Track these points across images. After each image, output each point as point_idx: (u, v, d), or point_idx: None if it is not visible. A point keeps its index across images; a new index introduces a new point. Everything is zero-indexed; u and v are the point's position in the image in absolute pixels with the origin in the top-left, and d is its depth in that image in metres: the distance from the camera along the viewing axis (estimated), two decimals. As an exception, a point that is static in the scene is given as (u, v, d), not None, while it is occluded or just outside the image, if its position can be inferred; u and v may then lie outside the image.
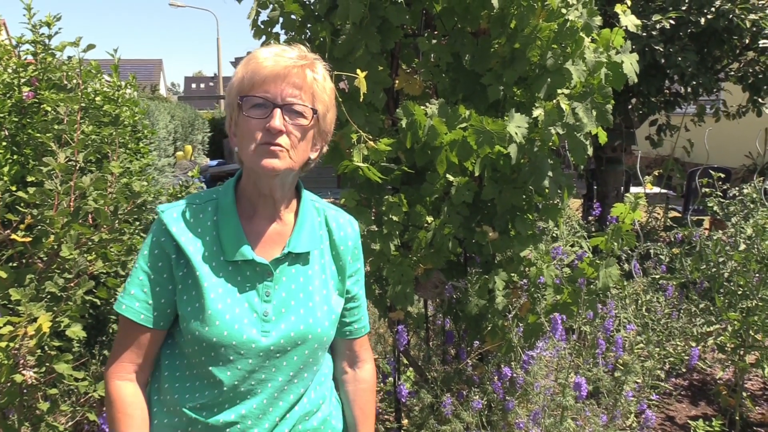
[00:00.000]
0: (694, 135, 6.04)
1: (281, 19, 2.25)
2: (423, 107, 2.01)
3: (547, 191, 2.18)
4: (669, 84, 5.26)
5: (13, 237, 1.87)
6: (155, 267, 1.17)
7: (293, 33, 2.26)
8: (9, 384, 1.77)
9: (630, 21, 2.17)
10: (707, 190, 4.08)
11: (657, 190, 6.95)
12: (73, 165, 2.00)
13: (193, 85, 62.26)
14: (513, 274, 2.35)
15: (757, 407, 3.27)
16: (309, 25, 2.26)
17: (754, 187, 3.57)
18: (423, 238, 2.18)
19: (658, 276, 3.56)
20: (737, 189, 3.78)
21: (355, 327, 1.36)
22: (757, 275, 3.00)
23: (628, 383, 2.38)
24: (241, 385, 1.16)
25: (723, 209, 3.69)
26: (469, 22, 2.18)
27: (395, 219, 2.14)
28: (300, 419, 1.24)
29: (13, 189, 2.01)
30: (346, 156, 2.07)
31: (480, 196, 2.21)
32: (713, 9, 4.64)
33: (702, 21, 4.62)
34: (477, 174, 2.07)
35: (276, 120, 1.11)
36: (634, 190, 6.95)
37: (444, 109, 2.03)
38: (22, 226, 1.91)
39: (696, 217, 5.60)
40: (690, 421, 3.13)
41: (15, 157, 2.15)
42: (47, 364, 1.84)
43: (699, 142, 5.95)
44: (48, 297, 1.87)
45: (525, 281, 2.34)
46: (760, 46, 4.82)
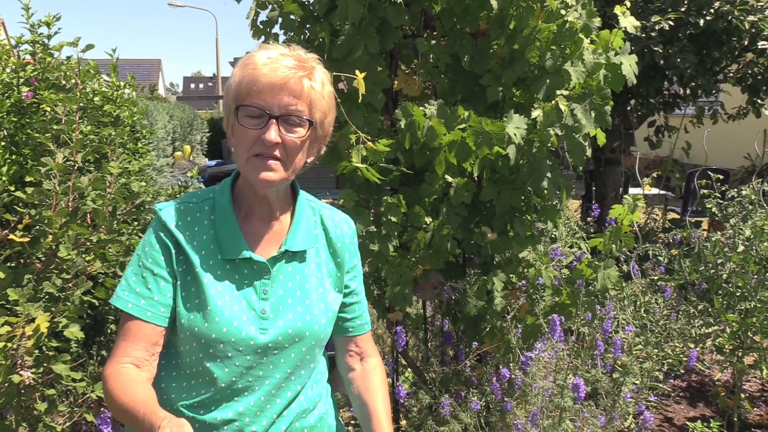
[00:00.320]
0: (692, 136, 6.04)
1: (280, 20, 2.25)
2: (422, 108, 2.01)
3: (546, 192, 2.18)
4: (668, 85, 5.26)
5: (11, 237, 1.87)
6: (158, 262, 1.16)
7: (292, 33, 2.26)
8: (6, 384, 1.76)
9: (629, 22, 2.17)
10: (706, 191, 4.08)
11: (655, 191, 6.96)
12: (72, 165, 2.00)
13: (192, 85, 62.23)
14: (512, 275, 2.35)
15: (756, 408, 3.27)
16: (308, 26, 2.26)
17: (752, 189, 3.58)
18: (422, 238, 2.18)
19: (656, 277, 3.56)
20: (736, 190, 3.78)
21: (357, 323, 1.36)
22: (756, 277, 3.00)
23: (626, 384, 2.38)
24: (238, 382, 1.16)
25: (721, 210, 3.69)
26: (469, 22, 2.18)
27: (394, 220, 2.14)
28: (297, 416, 1.24)
29: (12, 189, 2.00)
30: (344, 157, 2.07)
31: (479, 197, 2.21)
32: (712, 10, 4.64)
33: (701, 22, 4.62)
34: (476, 175, 2.07)
35: (271, 132, 1.11)
36: (632, 191, 6.96)
37: (443, 110, 2.03)
38: (20, 226, 1.91)
39: (694, 219, 5.61)
40: (688, 423, 3.13)
41: (14, 157, 2.15)
42: (45, 364, 1.84)
43: (698, 143, 5.95)
44: (46, 297, 1.87)
45: (523, 282, 2.34)
46: (759, 47, 4.82)
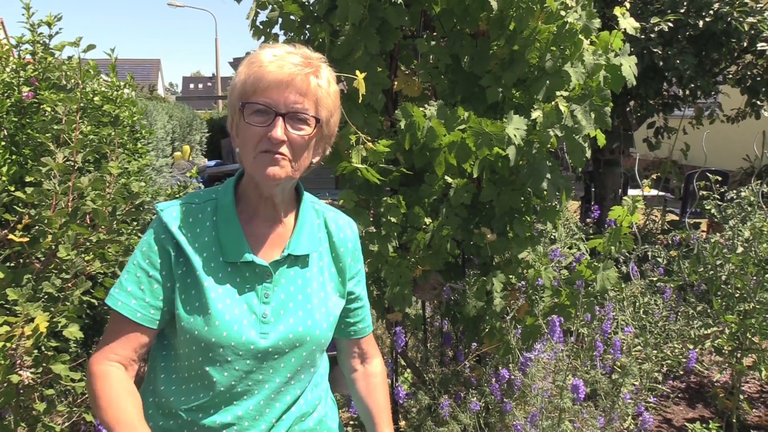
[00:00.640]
0: (692, 138, 6.05)
1: (280, 20, 2.24)
2: (422, 109, 2.01)
3: (546, 193, 2.18)
4: (667, 86, 5.27)
5: (11, 237, 1.87)
6: (155, 264, 1.15)
7: (292, 34, 2.25)
8: (5, 384, 1.76)
9: (629, 23, 2.17)
10: (705, 192, 4.08)
11: (655, 192, 6.96)
12: (72, 165, 2.00)
13: (191, 86, 62.13)
14: (511, 275, 2.34)
15: (754, 410, 3.27)
16: (308, 26, 2.25)
17: (751, 190, 3.58)
18: (421, 239, 2.18)
19: (655, 278, 3.56)
20: (735, 192, 3.79)
21: (360, 326, 1.37)
22: (755, 278, 3.01)
23: (625, 385, 2.38)
24: (238, 386, 1.15)
25: (720, 212, 3.70)
26: (468, 23, 2.18)
27: (393, 220, 2.14)
28: (296, 420, 1.24)
29: (11, 189, 2.00)
30: (344, 157, 2.06)
31: (478, 197, 2.21)
32: (711, 12, 4.65)
33: (700, 24, 4.63)
34: (475, 176, 2.07)
35: (278, 129, 1.10)
36: (631, 192, 6.96)
37: (443, 111, 2.03)
38: (19, 226, 1.91)
39: (693, 220, 5.61)
40: (687, 424, 3.13)
41: (14, 157, 2.15)
42: (44, 364, 1.84)
43: (697, 144, 5.95)
44: (45, 297, 1.87)
45: (523, 283, 2.34)
46: (758, 48, 4.83)
